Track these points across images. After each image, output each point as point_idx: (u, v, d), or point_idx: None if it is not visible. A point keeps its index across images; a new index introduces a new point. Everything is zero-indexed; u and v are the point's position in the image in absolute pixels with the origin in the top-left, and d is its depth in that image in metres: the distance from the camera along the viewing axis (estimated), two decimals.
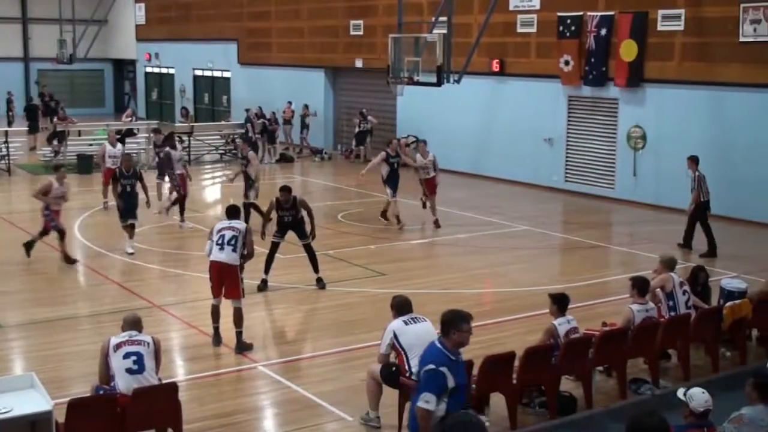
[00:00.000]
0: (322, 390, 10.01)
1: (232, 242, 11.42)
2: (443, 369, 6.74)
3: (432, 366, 6.79)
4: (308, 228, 14.20)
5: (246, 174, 18.45)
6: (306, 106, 32.16)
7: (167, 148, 20.08)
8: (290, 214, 14.02)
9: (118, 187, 16.57)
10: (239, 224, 11.76)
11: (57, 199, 15.79)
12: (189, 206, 19.68)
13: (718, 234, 16.96)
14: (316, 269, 14.28)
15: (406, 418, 8.89)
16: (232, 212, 12.00)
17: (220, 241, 11.42)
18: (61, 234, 15.77)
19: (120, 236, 17.06)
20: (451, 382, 6.74)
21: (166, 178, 20.21)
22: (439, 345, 6.92)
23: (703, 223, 16.90)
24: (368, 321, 12.37)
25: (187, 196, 19.61)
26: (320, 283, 14.26)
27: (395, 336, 8.66)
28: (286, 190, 14.15)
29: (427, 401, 6.69)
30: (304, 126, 32.15)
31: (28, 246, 15.89)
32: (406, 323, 8.74)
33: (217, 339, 11.58)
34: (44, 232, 15.82)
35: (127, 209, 16.55)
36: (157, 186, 20.48)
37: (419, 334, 8.70)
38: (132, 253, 16.37)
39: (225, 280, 11.40)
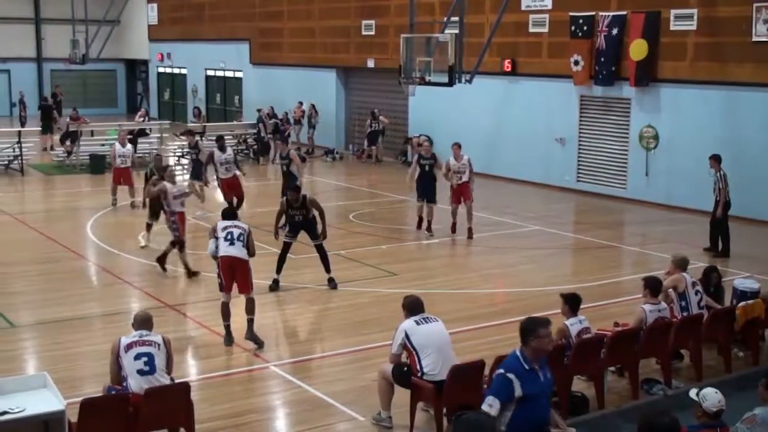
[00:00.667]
0: (334, 390, 10.02)
1: (241, 238, 11.55)
2: (511, 376, 6.71)
3: (501, 371, 6.80)
4: (319, 228, 14.21)
5: (288, 173, 18.30)
6: (313, 106, 32.17)
7: (214, 149, 20.02)
8: (300, 213, 13.97)
9: (151, 188, 16.16)
10: (242, 223, 11.91)
11: (177, 200, 14.97)
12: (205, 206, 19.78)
13: (731, 234, 16.89)
14: (327, 269, 14.28)
15: (418, 419, 8.91)
16: (229, 215, 12.12)
17: (228, 237, 11.51)
18: (180, 245, 14.90)
19: (133, 236, 17.17)
20: (518, 391, 6.68)
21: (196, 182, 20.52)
22: (517, 352, 6.89)
23: (722, 222, 16.81)
24: (380, 321, 12.37)
25: (241, 200, 19.45)
26: (332, 283, 14.27)
27: (407, 336, 8.67)
28: (294, 189, 14.24)
29: (490, 405, 6.67)
30: (311, 126, 32.14)
31: (161, 260, 15.02)
32: (417, 323, 8.75)
33: (228, 338, 11.56)
34: (176, 242, 14.87)
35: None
36: (189, 186, 20.30)
37: (431, 334, 8.72)
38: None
39: (237, 274, 11.49)
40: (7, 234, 18.32)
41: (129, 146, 21.68)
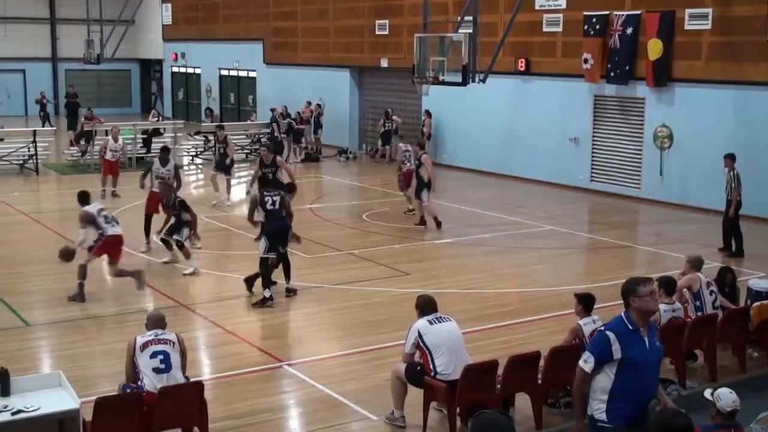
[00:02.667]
0: (347, 389, 10.02)
1: (115, 218, 13.57)
2: (610, 334, 6.46)
3: (602, 328, 6.67)
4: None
5: (275, 181, 17.42)
6: (319, 105, 32.17)
7: (155, 159, 18.28)
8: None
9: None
10: (101, 203, 14.09)
11: None
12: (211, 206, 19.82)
13: (745, 234, 16.83)
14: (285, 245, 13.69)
15: (431, 419, 8.91)
16: (83, 198, 13.56)
17: (110, 219, 13.33)
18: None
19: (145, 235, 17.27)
20: (617, 352, 6.41)
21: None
22: (622, 314, 6.65)
23: (734, 223, 16.75)
24: (393, 320, 12.37)
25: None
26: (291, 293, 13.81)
27: (420, 335, 8.67)
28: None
29: (585, 360, 6.53)
30: (319, 126, 32.12)
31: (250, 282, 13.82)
32: (430, 323, 8.75)
33: (81, 294, 13.18)
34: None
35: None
36: (211, 178, 22.17)
37: (444, 333, 8.72)
38: (191, 273, 15.05)
39: (117, 248, 13.35)
40: (23, 233, 18.41)
41: (120, 141, 23.54)
